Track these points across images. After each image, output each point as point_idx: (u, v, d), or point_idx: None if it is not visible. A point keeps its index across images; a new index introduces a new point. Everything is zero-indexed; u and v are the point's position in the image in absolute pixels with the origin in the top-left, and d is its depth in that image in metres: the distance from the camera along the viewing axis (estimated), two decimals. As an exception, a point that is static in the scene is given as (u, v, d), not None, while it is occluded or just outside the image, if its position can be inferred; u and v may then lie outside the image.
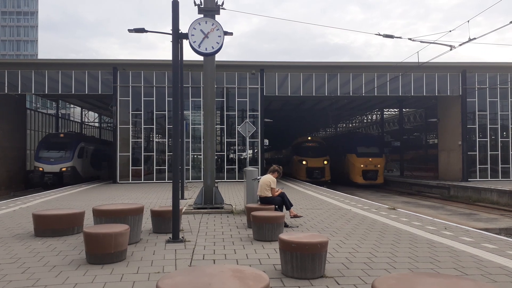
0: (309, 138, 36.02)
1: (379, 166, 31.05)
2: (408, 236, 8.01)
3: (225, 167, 27.11)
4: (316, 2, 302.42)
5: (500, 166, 27.58)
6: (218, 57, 11.33)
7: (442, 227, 9.06)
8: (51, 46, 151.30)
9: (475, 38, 13.58)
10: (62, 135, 29.58)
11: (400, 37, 14.80)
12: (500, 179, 27.08)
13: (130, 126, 26.75)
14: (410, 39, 14.85)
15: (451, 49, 14.36)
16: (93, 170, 31.37)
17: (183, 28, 8.16)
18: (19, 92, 26.87)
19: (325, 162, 31.46)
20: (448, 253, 6.56)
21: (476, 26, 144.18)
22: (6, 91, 26.23)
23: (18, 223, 9.66)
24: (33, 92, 27.38)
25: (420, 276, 3.45)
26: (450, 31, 13.76)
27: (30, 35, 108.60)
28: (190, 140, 26.68)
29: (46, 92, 26.89)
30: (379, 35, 14.57)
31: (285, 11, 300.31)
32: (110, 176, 28.34)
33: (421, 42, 14.84)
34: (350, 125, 55.19)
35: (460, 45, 13.94)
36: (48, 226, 7.88)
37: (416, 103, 36.72)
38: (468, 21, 13.54)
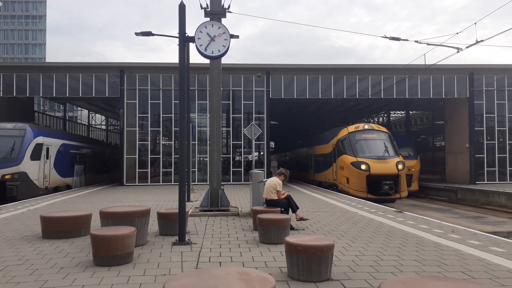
0: (368, 125, 22.32)
1: (413, 170, 24.80)
2: (415, 239, 7.96)
3: (231, 169, 27.12)
4: (321, 4, 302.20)
5: (508, 168, 27.31)
6: (224, 60, 11.36)
7: (449, 230, 9.00)
8: (57, 49, 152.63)
9: (482, 40, 13.50)
10: (9, 126, 20.01)
11: (406, 40, 14.75)
12: (508, 181, 26.82)
13: (137, 128, 26.86)
14: (416, 41, 14.81)
15: (458, 52, 14.29)
16: (60, 178, 22.61)
17: (190, 31, 8.20)
18: (27, 95, 27.12)
19: (400, 167, 19.39)
20: (455, 257, 6.52)
21: (483, 28, 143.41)
22: (14, 94, 26.50)
23: (26, 225, 9.74)
24: (41, 95, 27.62)
25: (427, 280, 3.43)
26: (457, 33, 13.70)
27: (38, 38, 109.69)
28: (196, 142, 26.75)
29: (54, 95, 27.15)
30: (386, 37, 14.55)
31: (290, 14, 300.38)
32: (117, 179, 28.41)
33: (428, 44, 14.78)
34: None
35: (468, 47, 13.87)
36: (56, 228, 7.94)
37: (423, 105, 36.50)
38: (475, 23, 13.47)
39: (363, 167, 19.30)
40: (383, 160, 19.69)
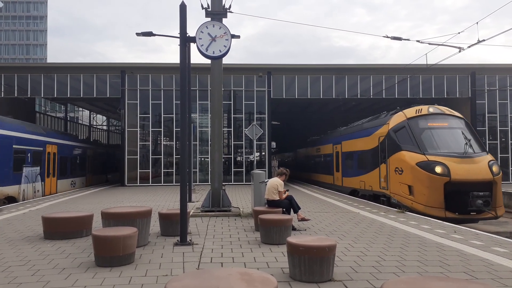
0: (433, 108, 15.08)
1: None
2: (417, 239, 7.94)
3: (233, 170, 27.12)
4: (321, 4, 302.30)
5: (510, 168, 27.27)
6: (225, 60, 11.36)
7: (451, 230, 8.98)
8: (57, 50, 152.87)
9: (484, 40, 13.47)
10: None
11: (408, 39, 14.73)
12: (510, 181, 26.78)
13: (138, 129, 26.89)
14: (418, 41, 14.78)
15: (460, 51, 14.26)
16: None
17: (190, 31, 8.20)
18: (29, 96, 27.19)
19: (495, 170, 13.16)
20: (457, 257, 6.50)
21: (484, 28, 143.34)
22: (16, 95, 26.55)
23: (28, 225, 9.74)
24: (42, 95, 27.69)
25: (429, 280, 3.42)
26: (459, 33, 13.67)
27: (39, 39, 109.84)
28: (198, 143, 26.78)
29: (55, 96, 27.21)
30: (387, 37, 14.53)
31: (290, 13, 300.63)
32: (120, 179, 28.39)
33: (430, 44, 14.76)
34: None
35: (469, 47, 13.84)
36: (58, 229, 7.94)
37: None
38: (477, 22, 13.44)
39: (438, 169, 12.57)
40: (469, 159, 12.96)
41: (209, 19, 11.02)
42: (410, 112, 14.85)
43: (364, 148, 17.46)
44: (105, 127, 50.24)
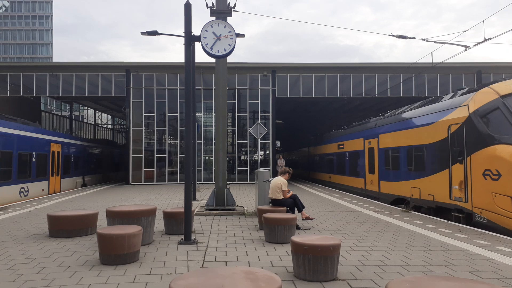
0: None
1: None
2: (422, 238, 7.91)
3: (237, 168, 27.14)
4: (325, 3, 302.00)
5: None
6: (230, 59, 11.36)
7: (456, 229, 8.93)
8: (62, 49, 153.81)
9: (490, 38, 13.38)
10: None
11: (413, 38, 14.64)
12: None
13: (143, 128, 26.97)
14: (424, 39, 14.69)
15: (466, 50, 14.17)
16: None
17: (195, 30, 8.20)
18: (34, 95, 27.33)
19: None
20: (463, 256, 6.46)
21: (490, 26, 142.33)
22: (21, 94, 26.71)
23: (33, 223, 9.80)
24: (48, 94, 27.81)
25: (434, 280, 3.40)
26: (465, 31, 13.57)
27: (45, 38, 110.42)
28: (202, 141, 26.82)
29: (61, 95, 27.34)
30: (392, 35, 14.45)
31: (295, 12, 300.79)
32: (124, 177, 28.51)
33: (435, 42, 14.68)
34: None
35: (475, 45, 13.74)
36: (63, 227, 7.99)
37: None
38: (483, 21, 13.35)
39: None
40: None
41: (213, 18, 11.03)
42: (504, 87, 10.24)
43: (420, 142, 13.18)
44: (110, 126, 50.43)
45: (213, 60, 10.56)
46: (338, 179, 22.76)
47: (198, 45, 8.31)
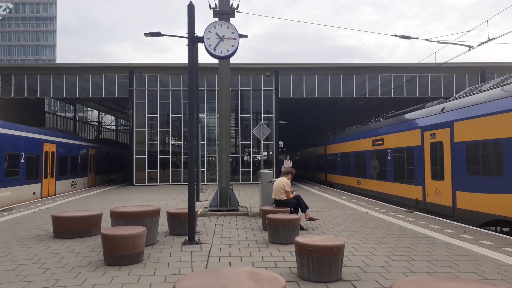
0: None
1: None
2: (426, 239, 7.88)
3: (240, 169, 27.15)
4: (328, 3, 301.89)
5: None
6: (233, 60, 11.37)
7: (461, 230, 8.90)
8: (65, 50, 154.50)
9: (494, 38, 13.32)
10: None
11: (417, 38, 14.60)
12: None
13: (146, 129, 27.03)
14: (427, 39, 14.65)
15: (469, 50, 14.11)
16: None
17: (198, 31, 8.21)
18: (38, 96, 27.47)
19: None
20: (467, 257, 6.44)
21: (493, 26, 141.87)
22: (26, 95, 26.84)
23: (38, 224, 9.84)
24: (51, 96, 27.94)
25: (439, 280, 3.39)
26: (469, 31, 13.53)
27: (49, 40, 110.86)
28: (205, 142, 26.85)
29: (65, 96, 27.47)
30: (396, 36, 14.42)
31: (297, 13, 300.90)
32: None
33: (439, 42, 14.63)
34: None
35: (479, 45, 13.69)
36: (67, 228, 8.02)
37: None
38: (487, 20, 13.29)
39: None
40: None
41: (216, 19, 11.05)
42: None
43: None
44: (113, 127, 50.59)
45: (216, 61, 10.60)
46: (373, 186, 17.81)
47: (201, 46, 8.33)
